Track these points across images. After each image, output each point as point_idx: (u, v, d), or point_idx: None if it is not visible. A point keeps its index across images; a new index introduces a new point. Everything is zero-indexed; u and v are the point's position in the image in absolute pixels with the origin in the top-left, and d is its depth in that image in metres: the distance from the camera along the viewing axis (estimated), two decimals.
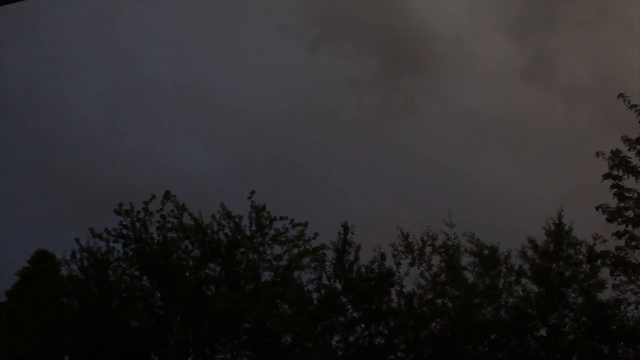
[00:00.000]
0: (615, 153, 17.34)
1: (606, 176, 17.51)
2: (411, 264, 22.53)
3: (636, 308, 19.61)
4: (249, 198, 22.73)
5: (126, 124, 53.15)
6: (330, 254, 22.43)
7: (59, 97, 53.83)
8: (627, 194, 17.35)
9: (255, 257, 22.62)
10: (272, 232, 22.53)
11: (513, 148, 49.07)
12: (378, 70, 57.46)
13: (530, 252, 22.03)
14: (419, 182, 44.28)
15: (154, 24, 56.98)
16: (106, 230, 22.72)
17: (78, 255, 23.03)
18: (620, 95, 17.06)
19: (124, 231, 22.75)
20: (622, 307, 20.23)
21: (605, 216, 17.40)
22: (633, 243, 17.21)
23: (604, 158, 17.32)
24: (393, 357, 22.41)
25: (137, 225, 22.71)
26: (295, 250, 22.36)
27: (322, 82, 54.66)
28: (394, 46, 55.63)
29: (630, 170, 17.20)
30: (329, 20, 53.79)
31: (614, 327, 20.25)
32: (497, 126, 50.95)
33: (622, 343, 20.49)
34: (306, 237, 22.46)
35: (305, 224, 22.55)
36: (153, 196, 22.85)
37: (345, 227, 22.46)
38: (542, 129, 50.67)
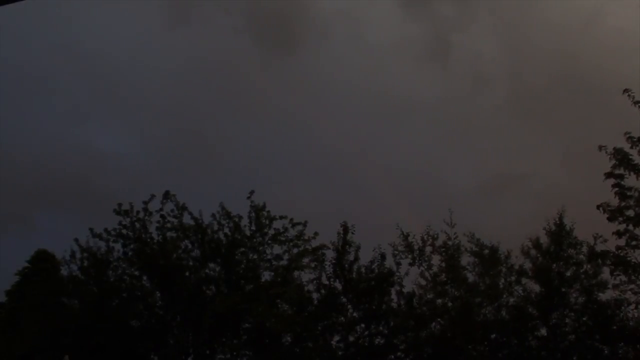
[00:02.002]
0: (618, 151, 17.21)
1: (608, 175, 17.40)
2: (411, 264, 22.52)
3: (636, 308, 19.56)
4: (248, 198, 22.70)
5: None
6: (330, 254, 22.46)
7: None
8: (628, 193, 17.26)
9: (255, 257, 22.58)
10: (271, 231, 22.47)
11: (419, 130, 49.18)
12: (255, 47, 57.10)
13: (531, 252, 21.98)
14: (317, 163, 44.83)
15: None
16: (106, 230, 22.70)
17: (78, 255, 23.01)
18: (625, 91, 16.89)
19: (124, 231, 22.72)
20: (622, 307, 20.17)
21: (606, 215, 17.34)
22: (633, 242, 17.14)
23: (607, 153, 17.17)
24: (393, 357, 22.38)
25: (137, 225, 22.68)
26: (295, 250, 22.29)
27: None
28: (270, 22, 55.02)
29: (632, 168, 17.10)
30: None
31: (615, 327, 20.20)
32: (401, 108, 51.03)
33: (622, 343, 20.43)
34: (305, 237, 22.39)
35: (305, 223, 22.49)
36: (152, 196, 22.82)
37: (345, 227, 22.45)
38: (447, 111, 50.48)
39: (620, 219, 17.30)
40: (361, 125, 49.48)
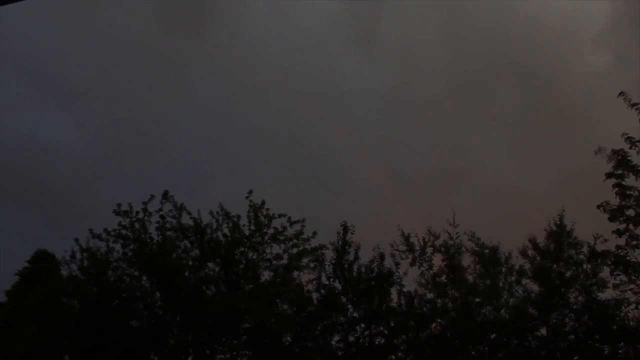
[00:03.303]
0: (617, 152, 17.25)
1: (609, 175, 17.40)
2: (412, 264, 22.51)
3: (636, 308, 19.52)
4: (246, 197, 22.67)
5: None
6: (329, 254, 22.46)
7: None
8: (628, 192, 17.26)
9: (255, 256, 22.54)
10: (270, 230, 22.44)
11: (351, 117, 48.35)
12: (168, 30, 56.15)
13: (530, 252, 21.97)
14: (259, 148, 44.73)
15: None
16: (105, 230, 22.69)
17: (78, 256, 22.99)
18: (621, 94, 16.93)
19: (123, 231, 22.71)
20: (622, 307, 20.14)
21: (607, 215, 17.32)
22: (634, 242, 17.13)
23: (605, 155, 17.21)
24: (393, 357, 22.36)
25: (136, 225, 22.67)
26: (295, 250, 22.26)
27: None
28: None
29: (632, 168, 17.10)
30: None
31: (615, 327, 20.16)
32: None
33: (622, 343, 20.40)
34: (304, 236, 22.36)
35: (303, 221, 22.44)
36: (152, 196, 22.81)
37: (345, 227, 22.45)
38: (382, 98, 49.24)
39: (621, 218, 17.29)
40: (294, 110, 48.90)
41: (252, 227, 22.34)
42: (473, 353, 21.49)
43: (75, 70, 54.36)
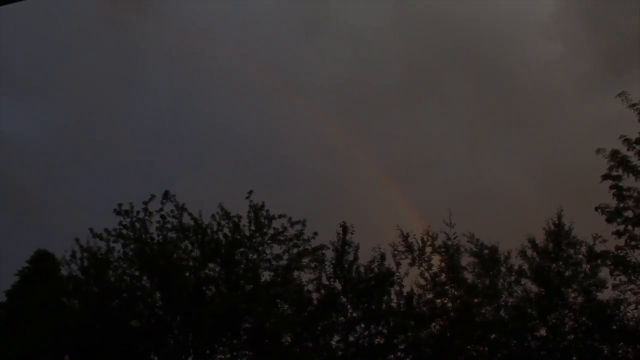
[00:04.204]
0: (615, 153, 17.34)
1: (605, 177, 17.50)
2: (411, 264, 22.57)
3: (636, 308, 19.61)
4: (247, 197, 22.73)
5: None
6: (329, 254, 22.50)
7: None
8: (626, 194, 17.34)
9: (255, 256, 22.60)
10: (271, 231, 22.50)
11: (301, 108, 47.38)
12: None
13: (528, 252, 22.03)
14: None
15: None
16: (106, 230, 22.74)
17: (78, 255, 23.04)
18: (621, 94, 17.03)
19: (124, 231, 22.76)
20: (622, 307, 20.20)
21: (604, 216, 17.40)
22: (633, 243, 17.21)
23: (604, 156, 17.30)
24: (393, 357, 22.39)
25: (137, 225, 22.72)
26: (295, 250, 22.33)
27: None
28: None
29: (630, 169, 17.19)
30: None
31: (614, 327, 20.22)
32: None
33: (622, 343, 20.45)
34: (305, 237, 22.43)
35: (304, 222, 22.52)
36: (152, 196, 22.85)
37: (344, 227, 22.51)
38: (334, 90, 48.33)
39: (619, 220, 17.37)
40: (241, 101, 48.40)
41: (253, 228, 22.42)
42: (473, 353, 21.52)
43: (24, 62, 52.97)
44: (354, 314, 22.30)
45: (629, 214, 17.38)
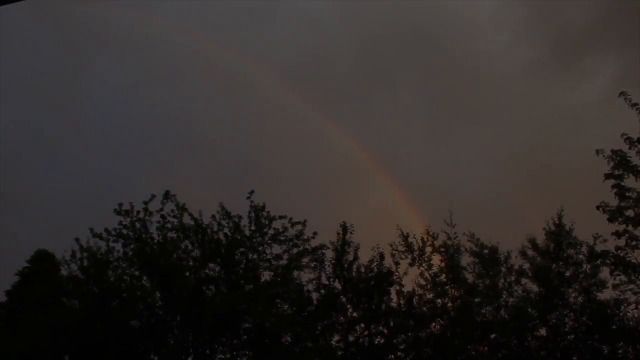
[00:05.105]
0: (616, 152, 17.28)
1: (608, 176, 17.43)
2: (411, 264, 22.56)
3: (636, 308, 19.59)
4: (248, 198, 22.72)
5: None
6: (329, 254, 22.49)
7: None
8: (627, 194, 17.29)
9: (255, 256, 22.60)
10: (271, 231, 22.50)
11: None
12: None
13: (530, 252, 22.02)
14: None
15: None
16: (106, 230, 22.71)
17: (78, 255, 23.02)
18: (622, 94, 16.97)
19: (124, 231, 22.74)
20: (622, 306, 20.19)
21: (606, 215, 17.35)
22: (633, 243, 17.17)
23: (604, 156, 17.25)
24: (393, 357, 22.38)
25: (137, 225, 22.70)
26: (295, 250, 22.32)
27: None
28: None
29: (631, 169, 17.13)
30: None
31: (614, 326, 20.21)
32: None
33: (622, 343, 20.44)
34: (305, 237, 22.43)
35: (304, 223, 22.51)
36: (153, 196, 22.84)
37: (344, 227, 22.50)
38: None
39: (620, 219, 17.32)
40: (193, 95, 47.57)
41: (253, 228, 22.42)
42: (473, 353, 21.51)
43: None
44: (354, 314, 22.30)
45: (630, 213, 17.32)
